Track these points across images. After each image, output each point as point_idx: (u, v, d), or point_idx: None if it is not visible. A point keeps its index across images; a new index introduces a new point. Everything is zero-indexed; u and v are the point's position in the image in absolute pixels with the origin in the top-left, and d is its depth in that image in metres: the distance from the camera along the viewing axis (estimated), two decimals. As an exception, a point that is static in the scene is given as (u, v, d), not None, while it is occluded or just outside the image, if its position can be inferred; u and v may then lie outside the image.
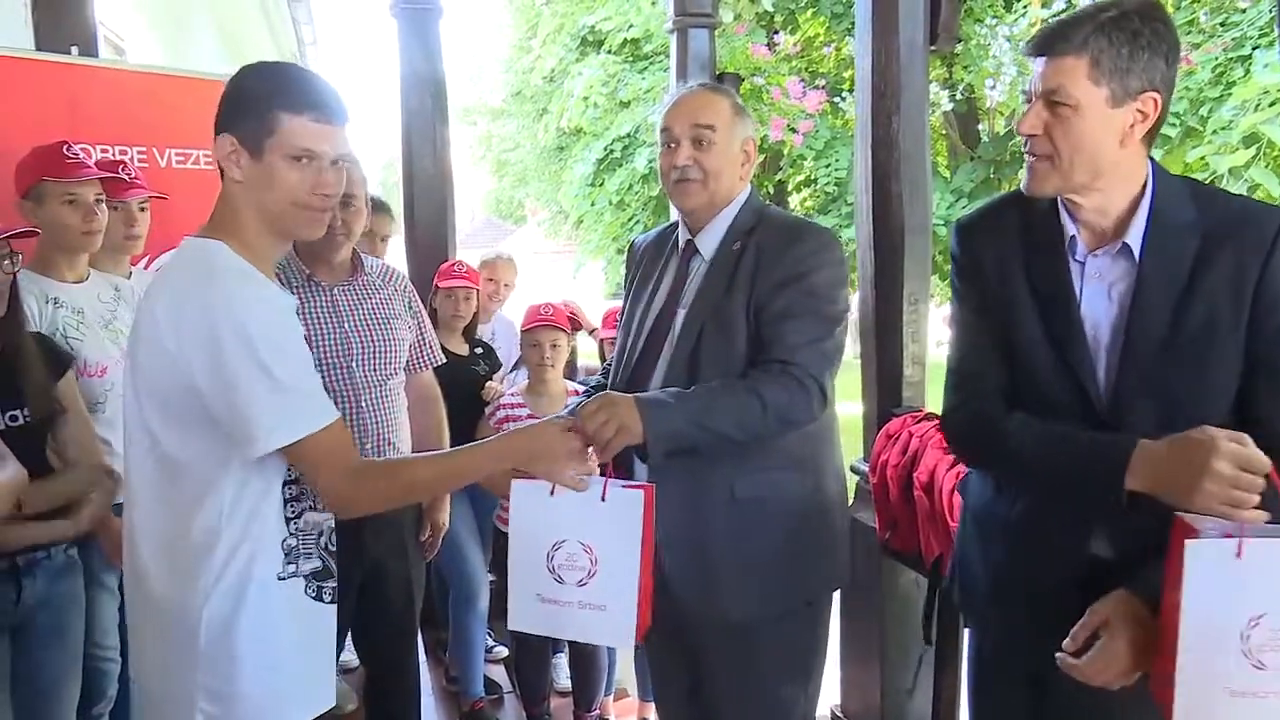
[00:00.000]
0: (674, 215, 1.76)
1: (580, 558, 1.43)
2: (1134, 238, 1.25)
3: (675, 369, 1.60)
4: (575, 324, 3.03)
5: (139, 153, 2.72)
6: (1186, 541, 1.11)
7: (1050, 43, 1.21)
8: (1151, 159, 1.28)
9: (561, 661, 2.95)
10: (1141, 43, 1.17)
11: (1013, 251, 1.36)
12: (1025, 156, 1.28)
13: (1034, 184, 1.27)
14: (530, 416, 2.54)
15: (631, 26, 7.91)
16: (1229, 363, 1.23)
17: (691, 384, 1.56)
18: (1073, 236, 1.31)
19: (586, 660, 2.70)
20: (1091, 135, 1.21)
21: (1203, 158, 5.12)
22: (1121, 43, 1.17)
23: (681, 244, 1.71)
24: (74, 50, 2.71)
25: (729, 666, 1.64)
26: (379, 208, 2.85)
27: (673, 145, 1.63)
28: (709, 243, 1.66)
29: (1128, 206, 1.26)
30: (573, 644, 2.72)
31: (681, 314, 1.64)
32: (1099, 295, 1.29)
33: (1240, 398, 1.25)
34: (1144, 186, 1.26)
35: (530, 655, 2.72)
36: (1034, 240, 1.34)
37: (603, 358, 3.14)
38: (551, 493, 1.41)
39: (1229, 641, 1.12)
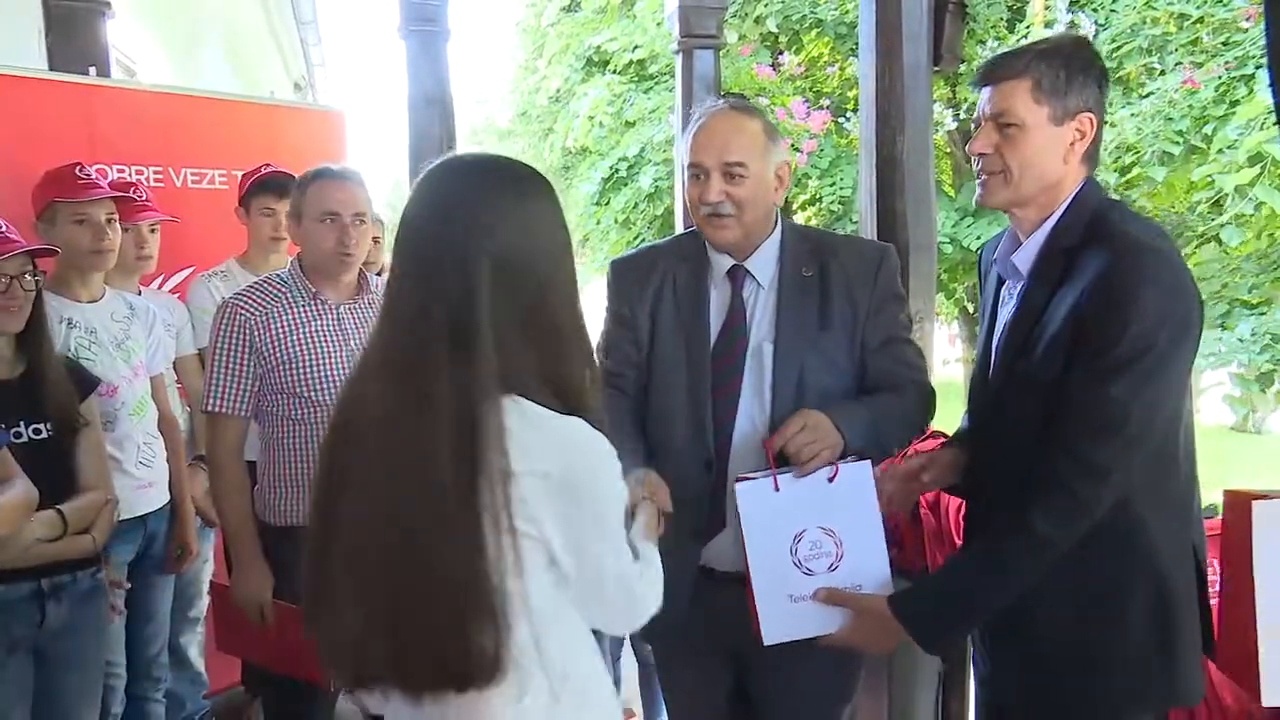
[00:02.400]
0: (678, 230, 1.73)
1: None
2: (1021, 257, 1.36)
3: (783, 412, 1.51)
4: None
5: (155, 172, 2.75)
6: (736, 483, 1.42)
7: (994, 71, 1.33)
8: (1091, 182, 1.35)
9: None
10: (1076, 67, 1.29)
11: (993, 271, 1.49)
12: (977, 175, 1.38)
13: (986, 198, 1.37)
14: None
15: (637, 48, 7.97)
16: (1049, 385, 1.29)
17: None
18: (994, 259, 1.44)
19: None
20: (1037, 151, 1.30)
21: (1207, 176, 5.13)
22: (1058, 67, 1.29)
23: (722, 270, 1.60)
24: (91, 71, 2.75)
25: (798, 687, 1.60)
26: None
27: (701, 177, 1.52)
28: (764, 268, 1.59)
29: (1039, 223, 1.35)
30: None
31: (767, 348, 1.55)
32: (1004, 308, 1.42)
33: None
34: (1058, 206, 1.34)
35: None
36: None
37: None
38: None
39: (783, 556, 1.41)
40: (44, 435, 1.84)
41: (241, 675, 2.68)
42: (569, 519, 0.98)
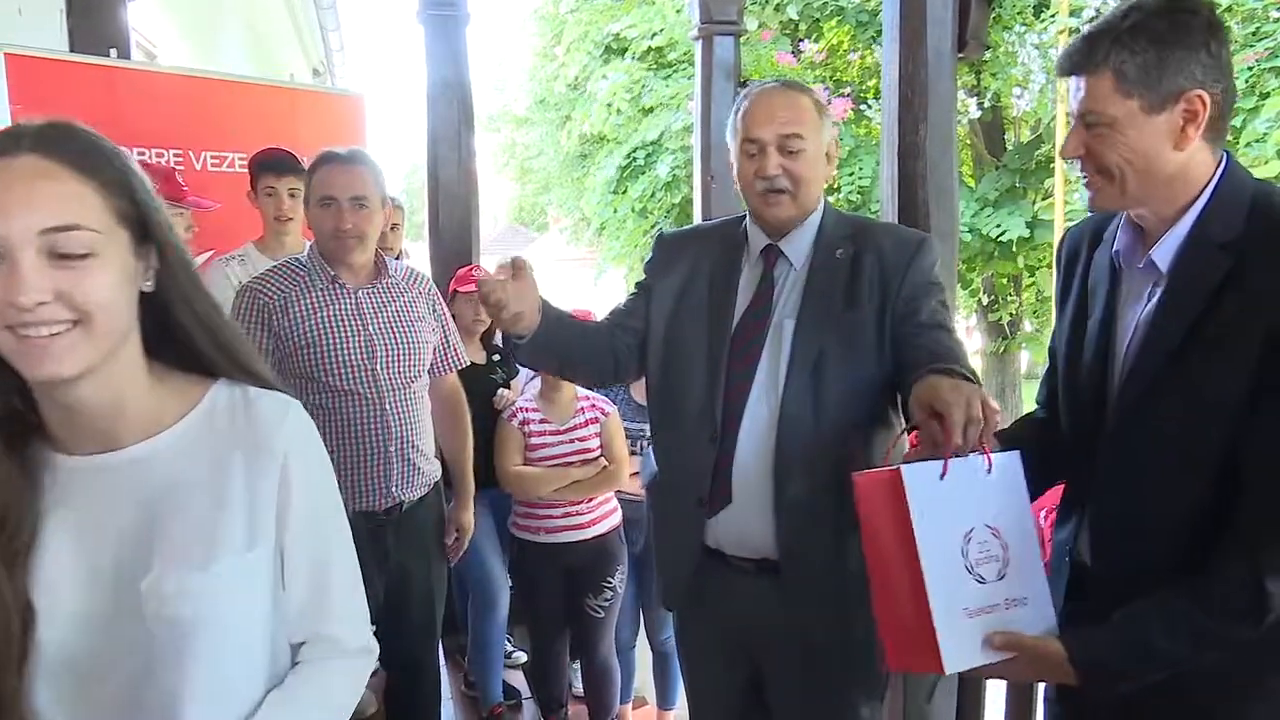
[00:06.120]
0: (696, 220, 1.72)
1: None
2: (1161, 253, 1.19)
3: (795, 388, 1.48)
4: None
5: (175, 155, 2.76)
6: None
7: (1074, 61, 1.16)
8: (1230, 160, 1.19)
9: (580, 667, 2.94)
10: (1169, 42, 1.11)
11: (1083, 257, 1.35)
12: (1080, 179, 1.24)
13: (1094, 202, 1.22)
14: (543, 421, 2.55)
15: (656, 34, 7.92)
16: (1227, 403, 1.12)
17: (819, 403, 1.47)
18: (1116, 250, 1.27)
19: (601, 667, 2.69)
20: (1136, 146, 1.14)
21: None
22: (1143, 49, 1.11)
23: (758, 248, 1.60)
24: (112, 53, 2.75)
25: (822, 687, 1.56)
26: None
27: (756, 154, 1.51)
28: (798, 249, 1.56)
29: (1174, 215, 1.19)
30: (587, 651, 2.70)
31: (789, 325, 1.51)
32: (1132, 307, 1.26)
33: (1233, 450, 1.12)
34: (1199, 195, 1.17)
35: (547, 661, 2.71)
36: (1098, 248, 1.33)
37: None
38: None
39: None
40: None
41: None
42: None
